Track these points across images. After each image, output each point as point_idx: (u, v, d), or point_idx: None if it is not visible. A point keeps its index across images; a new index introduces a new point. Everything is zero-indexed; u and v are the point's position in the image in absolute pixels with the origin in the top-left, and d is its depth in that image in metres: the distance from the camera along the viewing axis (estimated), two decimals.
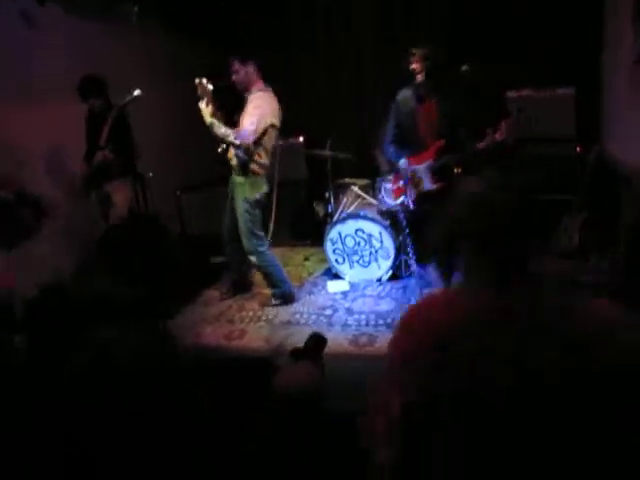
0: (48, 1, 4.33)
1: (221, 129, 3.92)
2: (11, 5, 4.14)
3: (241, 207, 4.20)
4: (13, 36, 4.20)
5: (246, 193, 4.17)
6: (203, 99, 3.89)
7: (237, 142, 3.94)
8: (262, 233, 4.31)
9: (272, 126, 4.12)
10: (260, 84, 4.16)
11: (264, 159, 4.15)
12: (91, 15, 4.84)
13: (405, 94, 4.28)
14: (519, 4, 5.26)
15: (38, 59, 4.37)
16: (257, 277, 4.83)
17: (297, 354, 1.81)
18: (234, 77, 4.07)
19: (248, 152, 4.04)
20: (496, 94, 4.93)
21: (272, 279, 4.45)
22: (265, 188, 4.23)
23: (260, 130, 4.01)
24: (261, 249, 4.28)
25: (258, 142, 4.07)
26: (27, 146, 4.37)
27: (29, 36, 4.32)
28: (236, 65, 4.04)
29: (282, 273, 4.48)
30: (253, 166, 4.13)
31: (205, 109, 3.90)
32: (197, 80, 3.85)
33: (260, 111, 4.01)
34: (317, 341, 1.85)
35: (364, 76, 6.14)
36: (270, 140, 4.15)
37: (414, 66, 4.09)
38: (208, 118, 3.90)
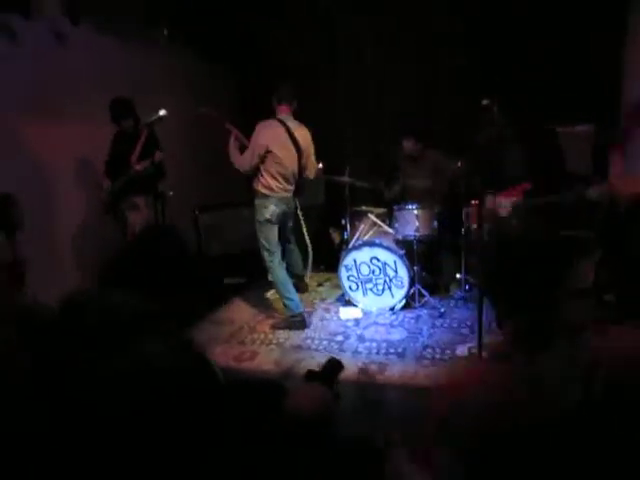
0: (82, 22, 4.49)
1: (232, 154, 4.40)
2: (45, 24, 4.27)
3: (256, 225, 4.49)
4: (45, 54, 4.33)
5: (257, 213, 4.45)
6: (227, 127, 4.38)
7: (236, 166, 4.38)
8: (275, 249, 4.52)
9: (269, 152, 4.30)
10: (281, 113, 4.43)
11: (269, 181, 4.36)
12: (121, 36, 4.99)
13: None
14: (541, 42, 5.34)
15: (69, 77, 4.50)
16: (277, 302, 4.90)
17: (311, 376, 1.82)
18: None
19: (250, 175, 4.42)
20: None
21: (280, 295, 4.59)
22: (274, 208, 4.41)
23: (257, 157, 4.29)
24: (271, 264, 4.48)
25: (261, 166, 4.34)
26: (57, 161, 4.50)
27: (61, 54, 4.45)
28: None
29: (290, 293, 4.53)
30: (260, 188, 4.39)
31: (233, 131, 4.38)
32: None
33: (253, 141, 4.31)
34: (334, 365, 1.86)
35: (384, 107, 6.23)
36: (271, 165, 4.33)
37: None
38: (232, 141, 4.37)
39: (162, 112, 4.17)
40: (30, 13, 3.96)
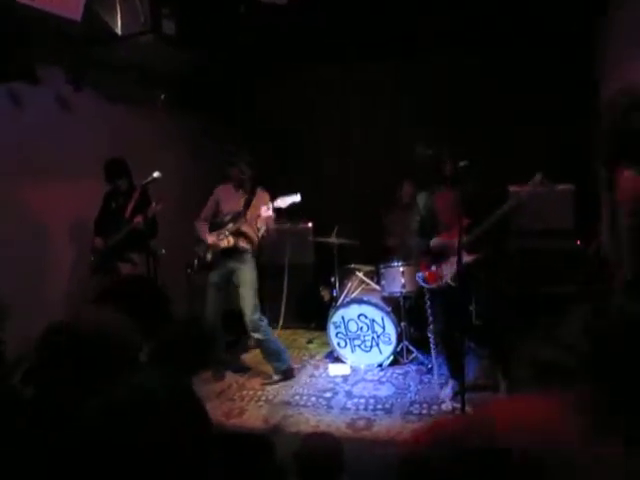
0: (84, 88, 4.73)
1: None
2: (47, 89, 4.49)
3: (251, 282, 4.59)
4: (47, 118, 4.54)
5: (252, 270, 4.63)
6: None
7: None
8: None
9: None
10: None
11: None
12: (120, 99, 5.24)
13: (425, 195, 4.22)
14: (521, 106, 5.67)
15: (69, 139, 4.69)
16: (257, 356, 4.94)
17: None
18: (241, 176, 4.63)
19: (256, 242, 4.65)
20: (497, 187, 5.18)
21: (273, 352, 4.67)
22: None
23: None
24: (263, 323, 4.61)
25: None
26: (54, 223, 4.63)
27: (62, 117, 4.66)
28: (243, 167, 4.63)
29: (281, 346, 4.75)
30: (256, 247, 4.68)
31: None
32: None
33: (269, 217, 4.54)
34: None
35: (371, 168, 6.47)
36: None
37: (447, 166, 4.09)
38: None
39: (156, 174, 4.36)
40: (37, 81, 4.17)
